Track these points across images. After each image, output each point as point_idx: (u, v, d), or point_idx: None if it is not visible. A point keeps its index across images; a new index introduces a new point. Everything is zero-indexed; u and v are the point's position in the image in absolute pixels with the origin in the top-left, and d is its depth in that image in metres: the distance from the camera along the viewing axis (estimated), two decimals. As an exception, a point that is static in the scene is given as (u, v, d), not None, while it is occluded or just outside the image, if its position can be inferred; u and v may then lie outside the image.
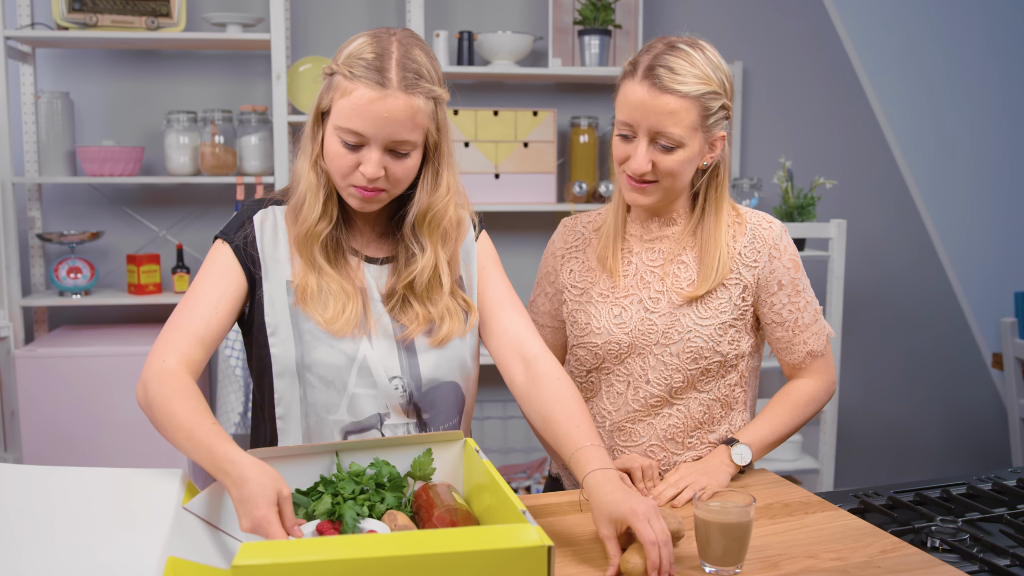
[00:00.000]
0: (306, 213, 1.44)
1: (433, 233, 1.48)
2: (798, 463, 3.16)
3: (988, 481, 1.73)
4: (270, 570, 0.91)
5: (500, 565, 0.96)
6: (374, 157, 1.38)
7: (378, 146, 1.38)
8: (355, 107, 1.36)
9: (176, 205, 3.28)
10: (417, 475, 1.33)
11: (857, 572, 1.23)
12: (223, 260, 1.45)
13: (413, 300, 1.48)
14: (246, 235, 1.46)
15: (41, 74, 3.16)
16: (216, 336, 1.41)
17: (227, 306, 1.43)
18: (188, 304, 1.41)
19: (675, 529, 1.29)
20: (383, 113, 1.35)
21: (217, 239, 1.48)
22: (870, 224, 3.80)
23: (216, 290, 1.42)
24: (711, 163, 1.56)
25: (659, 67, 1.46)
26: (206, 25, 3.15)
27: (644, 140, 1.50)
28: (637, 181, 1.53)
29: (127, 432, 2.81)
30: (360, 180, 1.40)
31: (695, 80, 1.46)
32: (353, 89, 1.36)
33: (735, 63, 3.59)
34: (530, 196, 3.31)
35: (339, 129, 1.38)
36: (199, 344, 1.38)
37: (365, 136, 1.37)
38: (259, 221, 1.48)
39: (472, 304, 1.53)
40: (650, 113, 1.47)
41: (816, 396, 1.65)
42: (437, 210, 1.47)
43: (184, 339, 1.37)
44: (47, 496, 1.19)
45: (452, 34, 3.35)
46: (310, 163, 1.44)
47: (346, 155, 1.39)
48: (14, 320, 2.93)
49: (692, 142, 1.49)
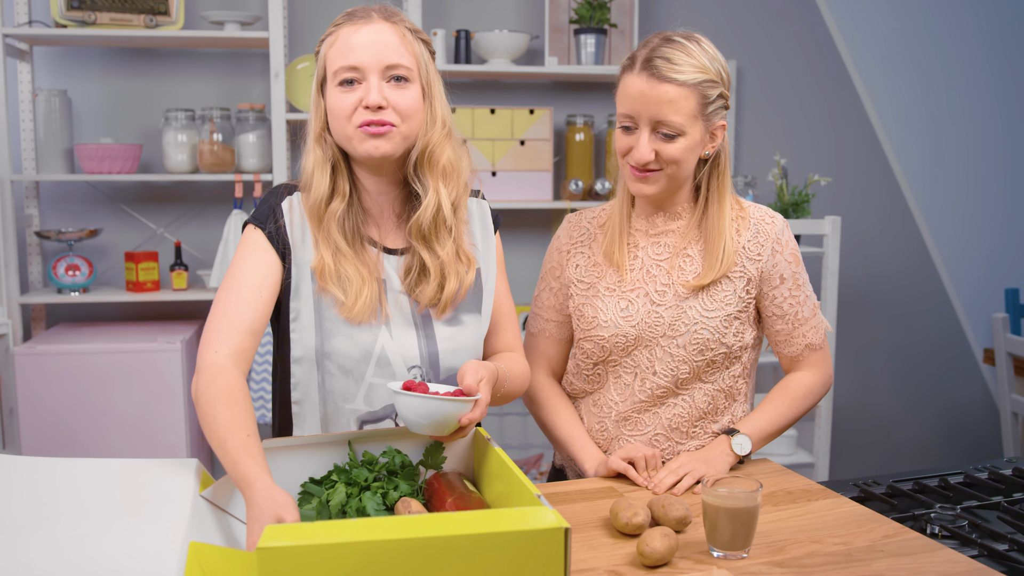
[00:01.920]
0: (315, 185, 1.46)
1: (433, 170, 1.48)
2: (793, 457, 3.19)
3: (984, 470, 1.77)
4: (294, 552, 0.93)
5: (519, 546, 0.97)
6: (373, 83, 1.41)
7: (375, 73, 1.41)
8: (344, 43, 1.42)
9: (174, 203, 3.29)
10: (429, 464, 1.35)
11: (861, 555, 1.26)
12: (259, 245, 1.46)
13: (423, 251, 1.48)
14: (277, 221, 1.47)
15: (39, 72, 3.17)
16: (263, 322, 1.42)
17: (269, 291, 1.44)
18: (231, 291, 1.41)
19: (682, 515, 1.32)
20: (370, 36, 1.41)
21: (248, 224, 1.49)
22: (863, 221, 3.84)
23: (257, 275, 1.43)
24: (712, 152, 1.60)
25: (657, 58, 1.51)
26: (204, 23, 3.16)
27: (646, 130, 1.53)
28: (641, 171, 1.56)
29: (126, 428, 2.81)
30: (364, 115, 1.41)
31: (692, 69, 1.51)
32: (338, 34, 1.43)
33: (730, 62, 3.62)
34: (527, 193, 3.33)
35: (336, 74, 1.42)
36: (249, 333, 1.39)
37: (359, 67, 1.40)
38: (287, 207, 1.49)
39: (473, 259, 1.54)
40: (650, 103, 1.51)
41: (814, 389, 1.68)
42: (434, 145, 1.48)
43: (234, 328, 1.37)
44: (62, 486, 1.20)
45: (449, 33, 3.37)
46: (315, 137, 1.48)
47: (347, 96, 1.41)
48: (12, 317, 2.93)
49: (693, 130, 1.53)
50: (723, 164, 1.62)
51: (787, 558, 1.25)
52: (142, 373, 2.85)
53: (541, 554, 0.98)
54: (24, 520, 1.09)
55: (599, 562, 1.23)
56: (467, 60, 3.31)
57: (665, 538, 1.21)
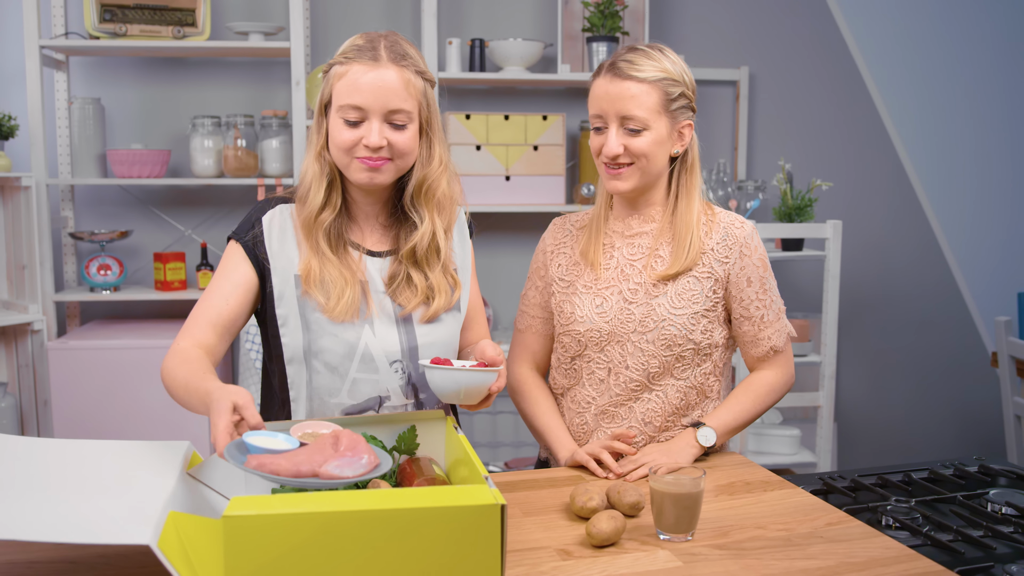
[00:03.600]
0: (311, 199, 1.58)
1: (429, 203, 1.63)
2: (796, 457, 3.24)
3: (951, 467, 1.83)
4: (256, 520, 1.04)
5: (458, 520, 1.08)
6: (375, 127, 1.52)
7: (377, 117, 1.52)
8: (352, 82, 1.52)
9: (200, 205, 3.44)
10: (402, 449, 1.46)
11: (799, 540, 1.34)
12: (234, 257, 1.60)
13: (413, 271, 1.62)
14: (255, 234, 1.60)
15: (74, 81, 3.34)
16: (228, 322, 1.55)
17: (239, 297, 1.57)
18: (204, 298, 1.57)
19: (635, 501, 1.41)
20: (377, 82, 1.51)
21: (230, 239, 1.62)
22: (875, 224, 3.88)
23: (228, 283, 1.57)
24: (682, 151, 1.71)
25: (620, 62, 1.65)
26: (230, 34, 3.31)
27: (614, 125, 1.66)
28: (614, 168, 1.66)
29: (152, 419, 2.96)
30: (363, 152, 1.53)
31: (653, 68, 1.64)
32: (349, 69, 1.53)
33: (741, 68, 3.69)
34: (540, 197, 3.43)
35: (341, 109, 1.53)
36: (211, 328, 1.53)
37: (364, 108, 1.52)
38: (267, 221, 1.61)
39: (459, 281, 1.68)
40: (615, 100, 1.64)
41: (776, 386, 1.77)
42: (432, 181, 1.62)
43: (197, 325, 1.53)
44: (53, 463, 1.32)
45: (464, 42, 3.48)
46: (315, 154, 1.59)
47: (350, 131, 1.53)
48: (47, 314, 3.10)
49: (657, 124, 1.64)
50: (691, 163, 1.73)
51: (728, 541, 1.33)
52: (168, 368, 2.99)
53: (479, 528, 1.08)
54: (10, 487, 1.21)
55: (551, 542, 1.33)
56: (481, 68, 3.42)
57: (612, 520, 1.31)
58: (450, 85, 3.54)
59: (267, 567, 1.05)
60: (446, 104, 3.55)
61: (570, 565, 1.25)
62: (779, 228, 3.11)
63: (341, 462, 1.23)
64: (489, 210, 3.38)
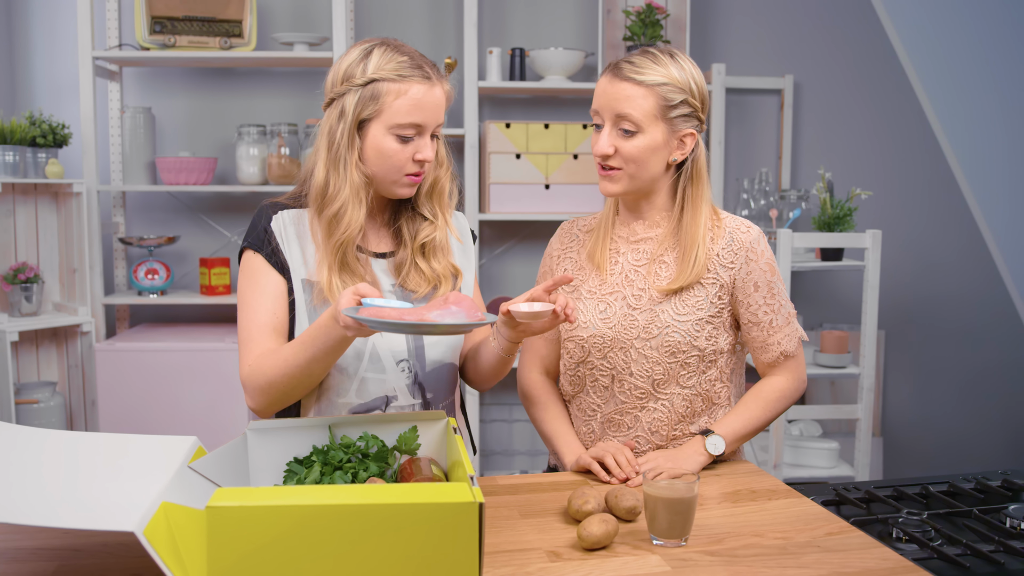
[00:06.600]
0: (349, 219, 1.56)
1: (440, 200, 1.68)
2: (834, 470, 3.18)
3: (972, 480, 1.79)
4: (238, 511, 1.07)
5: (437, 516, 1.10)
6: (428, 142, 1.57)
7: (429, 132, 1.57)
8: (414, 102, 1.54)
9: (246, 212, 3.53)
10: (403, 449, 1.48)
11: (795, 549, 1.32)
12: (261, 268, 1.60)
13: (421, 261, 1.65)
14: (271, 243, 1.61)
15: (126, 91, 3.46)
16: (283, 329, 1.59)
17: (282, 305, 1.59)
18: (249, 315, 1.58)
19: (631, 505, 1.41)
20: (435, 101, 1.56)
21: (247, 250, 1.62)
22: (926, 235, 3.80)
23: (267, 297, 1.59)
24: (681, 159, 1.68)
25: (623, 63, 1.65)
26: (275, 44, 3.39)
27: (608, 125, 1.66)
28: (605, 168, 1.67)
29: (194, 420, 3.04)
30: (414, 168, 1.58)
31: (654, 73, 1.63)
32: (408, 88, 1.54)
33: (786, 76, 3.65)
34: (579, 206, 3.43)
35: (396, 127, 1.54)
36: (273, 333, 1.57)
37: (423, 125, 1.56)
38: (276, 228, 1.62)
39: (459, 269, 1.71)
40: (611, 99, 1.64)
41: (787, 393, 1.74)
42: (443, 182, 1.68)
43: (262, 334, 1.56)
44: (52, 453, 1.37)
45: (505, 51, 3.51)
46: (353, 170, 1.56)
47: (403, 149, 1.56)
48: (96, 316, 3.21)
49: (652, 129, 1.63)
50: (697, 173, 1.70)
51: (722, 548, 1.32)
52: (211, 370, 3.08)
53: (457, 525, 1.10)
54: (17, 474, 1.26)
55: (543, 543, 1.33)
56: (521, 77, 3.44)
57: (603, 524, 1.31)
58: (490, 94, 3.57)
59: (249, 557, 1.08)
60: (487, 113, 3.58)
61: (557, 567, 1.25)
62: (817, 237, 3.06)
63: (444, 312, 1.35)
64: (528, 218, 3.40)
